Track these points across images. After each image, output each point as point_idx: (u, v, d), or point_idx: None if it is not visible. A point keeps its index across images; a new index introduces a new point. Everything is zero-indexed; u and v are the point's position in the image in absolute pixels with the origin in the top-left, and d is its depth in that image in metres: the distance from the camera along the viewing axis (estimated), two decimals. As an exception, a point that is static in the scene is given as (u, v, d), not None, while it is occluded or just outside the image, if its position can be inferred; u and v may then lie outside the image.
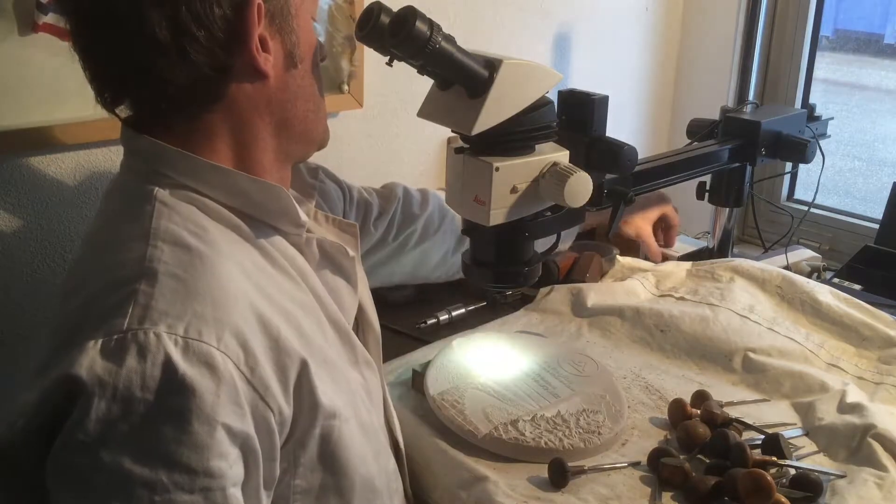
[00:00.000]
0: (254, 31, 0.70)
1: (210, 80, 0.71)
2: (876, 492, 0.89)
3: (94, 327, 0.62)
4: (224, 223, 0.74)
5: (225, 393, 0.62)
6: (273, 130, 0.78)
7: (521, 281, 1.07)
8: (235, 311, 0.66)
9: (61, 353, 0.62)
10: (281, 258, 0.77)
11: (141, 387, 0.59)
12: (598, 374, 1.11)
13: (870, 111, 2.28)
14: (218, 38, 0.69)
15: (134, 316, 0.62)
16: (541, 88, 0.93)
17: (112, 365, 0.60)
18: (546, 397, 1.04)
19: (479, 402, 1.02)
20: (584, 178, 0.94)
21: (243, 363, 0.64)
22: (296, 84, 0.77)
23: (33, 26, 1.07)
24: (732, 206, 1.54)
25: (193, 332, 0.62)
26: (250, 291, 0.69)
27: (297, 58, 0.76)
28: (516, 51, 1.47)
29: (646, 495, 0.91)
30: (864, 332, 1.24)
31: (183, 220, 0.70)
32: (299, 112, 0.79)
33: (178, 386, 0.60)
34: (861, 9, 2.28)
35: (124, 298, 0.63)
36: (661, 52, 2.07)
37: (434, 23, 0.83)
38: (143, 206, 0.71)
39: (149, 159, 0.74)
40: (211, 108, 0.73)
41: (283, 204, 0.77)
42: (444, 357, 1.11)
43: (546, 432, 0.97)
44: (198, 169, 0.73)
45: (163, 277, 0.65)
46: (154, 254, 0.66)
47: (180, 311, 0.63)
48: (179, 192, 0.73)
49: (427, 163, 1.65)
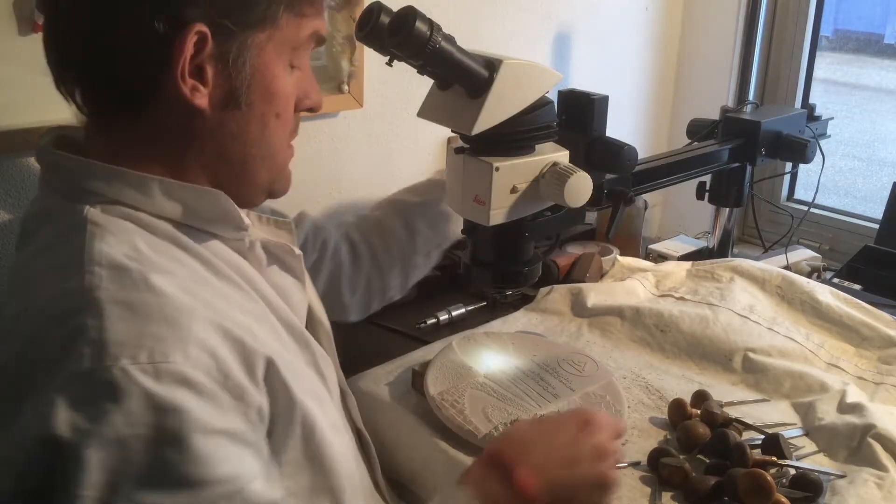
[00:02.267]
0: (180, 56, 0.67)
1: (133, 88, 0.70)
2: (876, 492, 0.89)
3: (51, 373, 0.60)
4: (161, 236, 0.71)
5: (208, 402, 0.62)
6: (209, 163, 0.75)
7: (521, 281, 1.07)
8: (193, 325, 0.64)
9: (25, 408, 0.60)
10: (225, 267, 0.75)
11: (127, 424, 0.58)
12: (598, 374, 1.11)
13: (870, 111, 2.28)
14: (144, 50, 0.67)
15: (90, 355, 0.59)
16: (541, 88, 0.93)
17: (89, 413, 0.58)
18: (546, 397, 1.04)
19: (479, 401, 1.02)
20: (584, 178, 0.94)
21: (216, 371, 0.64)
22: (236, 125, 0.73)
23: (33, 26, 1.07)
24: (732, 206, 1.54)
25: (159, 356, 0.61)
26: (199, 307, 0.67)
27: (243, 99, 0.72)
28: (516, 51, 1.46)
29: (646, 495, 0.91)
30: (864, 332, 1.24)
31: (117, 240, 0.68)
32: (236, 153, 0.75)
33: (163, 411, 0.59)
34: (861, 9, 2.28)
35: (73, 335, 0.61)
36: (661, 52, 2.07)
37: (434, 23, 0.84)
38: (73, 228, 0.68)
39: (72, 175, 0.71)
40: (140, 121, 0.71)
41: (222, 208, 0.75)
42: (444, 357, 1.11)
43: None
44: (128, 181, 0.71)
45: (107, 306, 0.62)
46: (93, 281, 0.63)
47: (136, 337, 0.61)
48: (111, 209, 0.70)
49: (427, 163, 1.65)
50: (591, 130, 1.08)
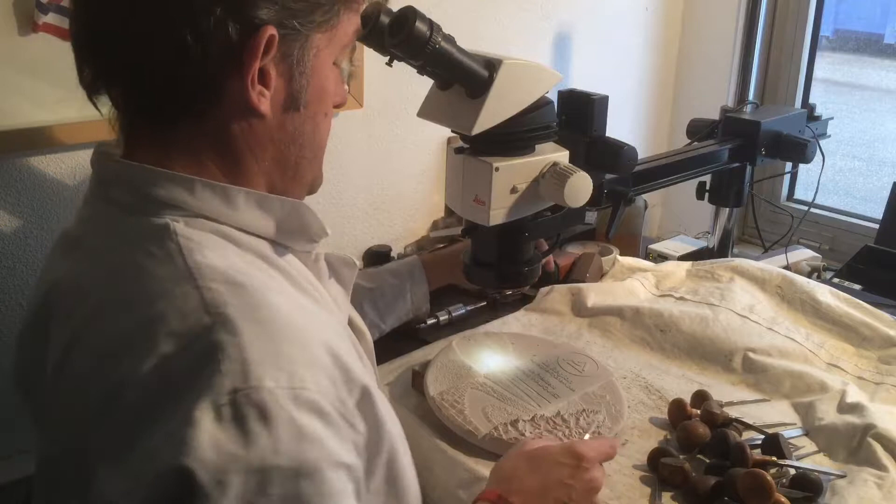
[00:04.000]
0: (253, 61, 0.64)
1: (194, 94, 0.66)
2: (876, 492, 0.89)
3: (188, 394, 0.55)
4: (247, 249, 0.68)
5: (336, 434, 0.59)
6: (265, 168, 0.72)
7: (522, 281, 1.07)
8: (314, 347, 0.62)
9: (155, 431, 0.56)
10: (303, 280, 0.73)
11: (273, 451, 0.54)
12: (598, 374, 1.11)
13: (870, 111, 2.28)
14: (212, 56, 0.63)
15: (232, 373, 0.56)
16: (541, 88, 0.93)
17: (237, 436, 0.54)
18: (546, 397, 1.04)
19: (478, 401, 1.02)
20: (584, 178, 0.94)
21: (336, 399, 0.61)
22: (293, 127, 0.71)
23: (33, 26, 1.07)
24: (732, 206, 1.54)
25: (297, 381, 0.58)
26: (308, 324, 0.64)
27: (302, 101, 0.71)
28: (516, 51, 1.47)
29: (646, 495, 0.91)
30: (864, 332, 1.24)
31: (217, 255, 0.64)
32: (292, 156, 0.73)
33: (305, 441, 0.56)
34: (861, 9, 2.28)
35: (208, 353, 0.57)
36: (661, 52, 2.07)
37: (434, 23, 0.84)
38: (160, 244, 0.64)
39: (140, 187, 0.67)
40: (197, 128, 0.68)
41: (304, 220, 0.73)
42: (444, 357, 1.11)
43: (546, 432, 0.97)
44: (215, 192, 0.67)
45: (240, 323, 0.58)
46: (215, 297, 0.60)
47: (274, 358, 0.58)
48: (194, 222, 0.66)
49: (427, 163, 1.65)
50: (591, 130, 1.08)
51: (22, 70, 1.08)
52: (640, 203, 1.61)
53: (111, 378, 0.60)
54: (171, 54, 0.63)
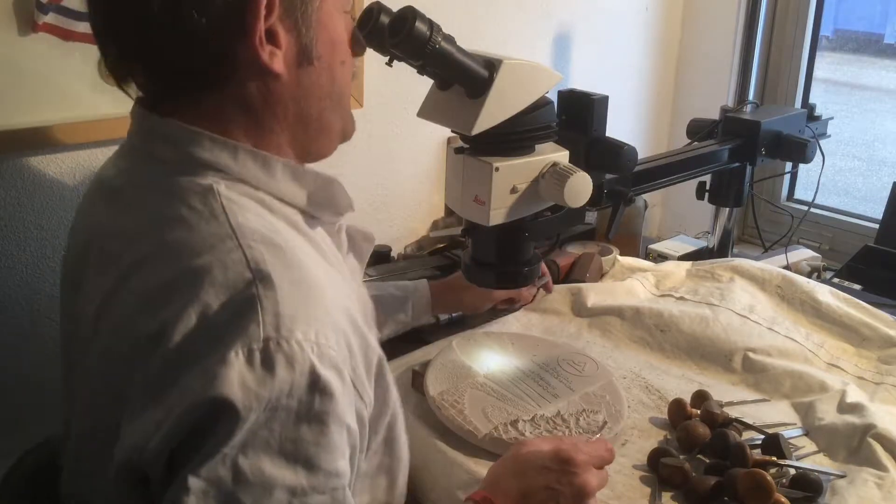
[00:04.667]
0: (257, 22, 0.67)
1: (210, 65, 0.68)
2: (876, 492, 0.89)
3: (224, 340, 0.60)
4: (283, 220, 0.72)
5: (347, 394, 0.63)
6: (289, 127, 0.75)
7: (521, 281, 1.07)
8: (336, 311, 0.66)
9: (189, 372, 0.60)
10: (328, 250, 0.77)
11: (288, 394, 0.59)
12: (598, 374, 1.11)
13: (870, 111, 2.28)
14: (217, 24, 0.66)
15: (267, 324, 0.60)
16: (541, 88, 0.93)
17: (265, 377, 0.59)
18: (546, 397, 1.04)
19: (478, 401, 1.02)
20: (584, 178, 0.94)
21: (349, 364, 0.65)
22: (310, 81, 0.74)
23: (33, 26, 1.07)
24: (732, 206, 1.54)
25: (322, 338, 0.62)
26: (332, 291, 0.68)
27: (314, 54, 0.73)
28: (516, 51, 1.47)
29: (646, 495, 0.91)
30: (864, 332, 1.24)
31: (255, 217, 0.68)
32: (313, 110, 0.75)
33: (320, 391, 0.61)
34: (861, 9, 2.28)
35: (247, 305, 0.61)
36: (661, 52, 2.07)
37: (434, 23, 0.84)
38: (205, 202, 0.68)
39: (186, 147, 0.70)
40: (218, 96, 0.70)
41: (333, 193, 0.77)
42: (444, 357, 1.11)
43: (546, 432, 0.97)
44: (256, 159, 0.71)
45: (278, 280, 0.63)
46: (256, 255, 0.64)
47: (305, 315, 0.62)
48: (235, 187, 0.70)
49: (427, 163, 1.65)
50: (591, 130, 1.08)
51: (22, 70, 1.08)
52: (640, 203, 1.61)
53: (156, 320, 0.63)
54: (178, 30, 0.66)
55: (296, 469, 0.60)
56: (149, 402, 0.61)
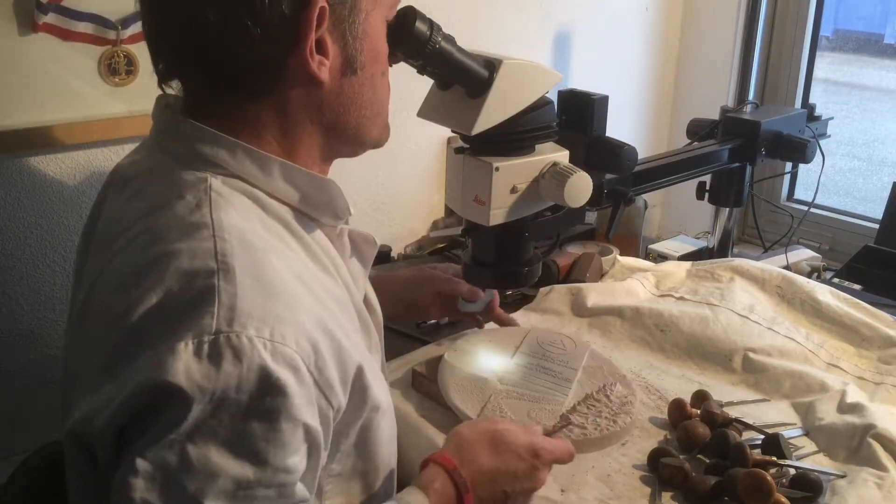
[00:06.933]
0: (309, 33, 0.69)
1: (259, 74, 0.71)
2: (876, 492, 0.89)
3: (177, 326, 0.61)
4: (273, 216, 0.73)
5: (305, 393, 0.64)
6: (322, 131, 0.77)
7: (521, 281, 1.07)
8: (303, 313, 0.66)
9: (143, 353, 0.61)
10: (321, 253, 0.77)
11: (236, 389, 0.60)
12: (579, 349, 1.14)
13: (870, 111, 2.28)
14: (271, 34, 0.68)
15: (221, 317, 0.61)
16: (541, 88, 0.93)
17: (210, 370, 0.60)
18: (560, 383, 1.05)
19: (518, 409, 1.00)
20: (584, 178, 0.94)
21: (314, 365, 0.65)
22: (352, 90, 0.76)
23: (33, 26, 1.07)
24: (732, 206, 1.54)
25: (278, 336, 0.63)
26: (305, 294, 0.69)
27: (358, 64, 0.75)
28: (516, 51, 1.46)
29: (646, 495, 0.91)
30: (864, 332, 1.24)
31: (239, 214, 0.69)
32: (352, 118, 0.77)
33: (271, 388, 0.61)
34: (861, 9, 2.28)
35: (204, 294, 0.62)
36: (661, 52, 2.07)
37: (434, 23, 0.84)
38: (195, 193, 0.69)
39: (192, 143, 0.72)
40: (260, 101, 0.73)
41: (331, 196, 0.77)
42: (451, 374, 1.06)
43: (597, 417, 0.99)
44: (252, 157, 0.72)
45: (240, 275, 0.64)
46: (225, 248, 0.65)
47: (262, 313, 0.63)
48: (231, 182, 0.72)
49: (427, 163, 1.65)
50: (591, 130, 1.08)
51: (22, 70, 1.08)
52: (640, 203, 1.61)
53: (125, 300, 0.65)
54: (233, 39, 0.68)
55: (242, 462, 0.61)
56: (105, 377, 0.63)
